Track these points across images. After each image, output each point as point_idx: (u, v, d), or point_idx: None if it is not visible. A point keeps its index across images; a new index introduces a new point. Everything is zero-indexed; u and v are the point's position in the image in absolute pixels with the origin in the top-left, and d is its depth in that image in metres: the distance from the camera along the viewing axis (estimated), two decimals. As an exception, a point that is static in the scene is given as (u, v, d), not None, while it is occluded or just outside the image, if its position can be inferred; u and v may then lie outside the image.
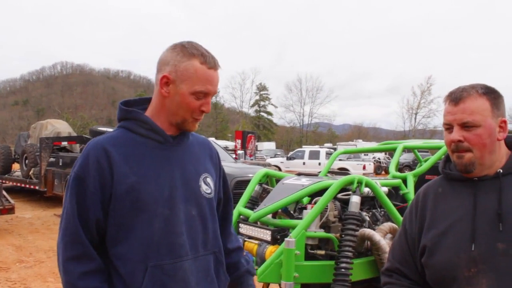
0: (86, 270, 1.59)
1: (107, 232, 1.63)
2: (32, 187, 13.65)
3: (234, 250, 2.03)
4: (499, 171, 1.69)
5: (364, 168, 26.28)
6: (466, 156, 1.68)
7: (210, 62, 1.65)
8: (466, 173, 1.72)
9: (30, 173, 13.85)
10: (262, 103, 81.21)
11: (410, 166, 29.53)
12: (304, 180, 3.47)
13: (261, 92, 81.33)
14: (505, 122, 1.72)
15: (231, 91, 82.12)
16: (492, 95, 1.70)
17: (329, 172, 4.95)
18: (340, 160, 27.13)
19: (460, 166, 1.72)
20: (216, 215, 1.85)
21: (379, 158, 34.17)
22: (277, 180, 3.92)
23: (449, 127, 1.73)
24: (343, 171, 22.20)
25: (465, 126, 1.67)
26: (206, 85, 1.65)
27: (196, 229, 1.73)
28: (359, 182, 3.26)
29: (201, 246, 1.74)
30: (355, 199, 3.17)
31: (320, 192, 3.26)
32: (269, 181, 4.13)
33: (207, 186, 1.80)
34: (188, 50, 1.65)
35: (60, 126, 15.76)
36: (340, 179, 3.26)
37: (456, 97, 1.70)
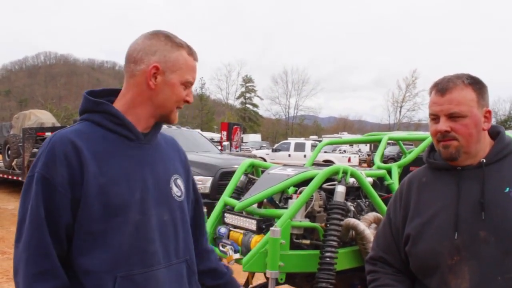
0: None
1: (73, 241, 1.46)
2: (15, 178, 13.51)
3: (212, 252, 1.96)
4: (482, 160, 1.71)
5: (349, 160, 26.46)
6: (453, 144, 1.69)
7: (195, 54, 1.67)
8: (451, 161, 1.74)
9: (13, 163, 13.71)
10: (248, 95, 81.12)
11: (395, 159, 29.72)
12: (289, 170, 3.47)
13: (247, 84, 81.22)
14: (489, 112, 1.74)
15: (217, 83, 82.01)
16: (477, 85, 1.72)
17: (314, 164, 4.96)
18: (325, 152, 27.30)
19: (445, 155, 1.73)
20: (187, 220, 1.74)
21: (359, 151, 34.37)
22: (263, 170, 3.92)
23: (435, 117, 1.73)
24: (328, 163, 22.34)
25: (451, 116, 1.68)
26: (193, 74, 1.65)
27: (168, 236, 1.61)
28: (344, 172, 3.27)
29: (173, 254, 1.62)
30: (340, 189, 3.18)
31: (306, 182, 3.27)
32: (255, 171, 4.13)
33: (177, 188, 1.69)
34: (175, 40, 1.62)
35: (43, 117, 15.63)
36: (326, 169, 3.27)
37: (442, 88, 1.71)
